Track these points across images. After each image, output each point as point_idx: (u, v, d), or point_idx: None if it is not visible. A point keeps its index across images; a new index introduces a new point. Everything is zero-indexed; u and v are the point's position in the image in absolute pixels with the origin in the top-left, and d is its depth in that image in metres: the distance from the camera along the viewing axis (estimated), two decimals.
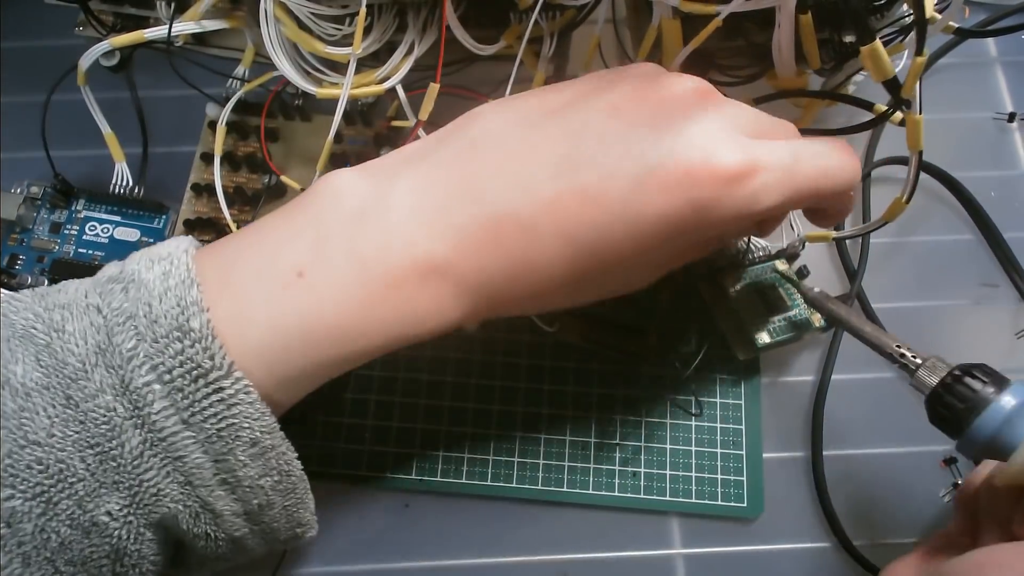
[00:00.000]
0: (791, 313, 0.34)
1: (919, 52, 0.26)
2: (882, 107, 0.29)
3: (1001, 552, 0.21)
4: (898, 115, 0.30)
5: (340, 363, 0.24)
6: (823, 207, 0.28)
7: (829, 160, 0.26)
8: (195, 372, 0.22)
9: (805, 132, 0.32)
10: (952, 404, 0.26)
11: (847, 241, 0.37)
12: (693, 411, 0.34)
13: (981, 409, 0.25)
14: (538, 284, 0.25)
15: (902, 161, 0.38)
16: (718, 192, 0.23)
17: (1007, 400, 0.25)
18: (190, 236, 0.26)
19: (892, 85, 0.27)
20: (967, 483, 0.28)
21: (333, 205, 0.24)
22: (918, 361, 0.28)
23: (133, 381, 0.22)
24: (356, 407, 0.35)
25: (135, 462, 0.22)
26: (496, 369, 0.35)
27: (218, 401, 0.22)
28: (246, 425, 0.23)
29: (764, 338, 0.34)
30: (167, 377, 0.22)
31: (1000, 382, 0.26)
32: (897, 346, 0.28)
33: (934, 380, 0.27)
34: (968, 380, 0.26)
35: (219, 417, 0.22)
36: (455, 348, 0.35)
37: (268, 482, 0.24)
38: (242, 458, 0.23)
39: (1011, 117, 0.40)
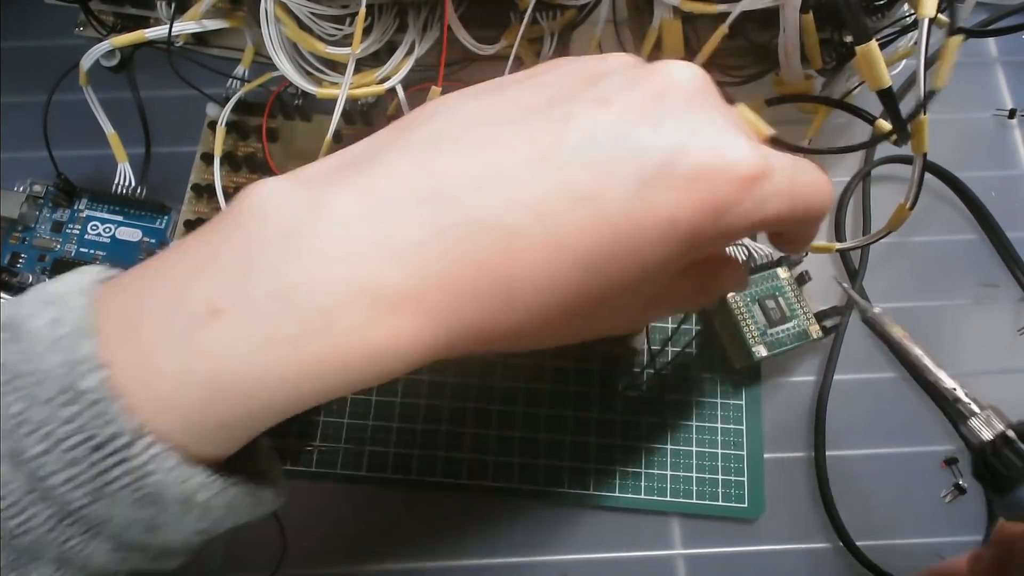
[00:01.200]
0: (789, 325, 0.34)
1: (953, 32, 0.25)
2: (884, 124, 0.29)
3: None
4: (887, 124, 0.29)
5: (278, 411, 0.19)
6: (796, 230, 0.26)
7: (818, 176, 0.24)
8: (92, 442, 0.18)
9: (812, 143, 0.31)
10: (1001, 466, 0.25)
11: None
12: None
13: None
14: (524, 309, 0.20)
15: (902, 160, 0.38)
16: (735, 194, 0.20)
17: None
18: (99, 265, 0.21)
19: (886, 96, 0.26)
20: (1005, 528, 0.27)
21: (256, 224, 0.20)
22: (975, 409, 0.26)
23: (26, 451, 0.18)
24: (356, 407, 0.35)
25: (51, 535, 0.19)
26: (496, 369, 0.35)
27: (126, 473, 0.18)
28: (173, 489, 0.19)
29: (761, 351, 0.33)
30: (62, 447, 0.18)
31: None
32: (953, 388, 0.27)
33: (987, 435, 0.25)
34: (1021, 445, 0.25)
35: (133, 488, 0.18)
36: None
37: (217, 518, 0.20)
38: (177, 514, 0.19)
39: (1011, 113, 0.40)
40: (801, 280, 0.35)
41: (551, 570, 0.33)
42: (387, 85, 0.32)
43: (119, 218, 0.37)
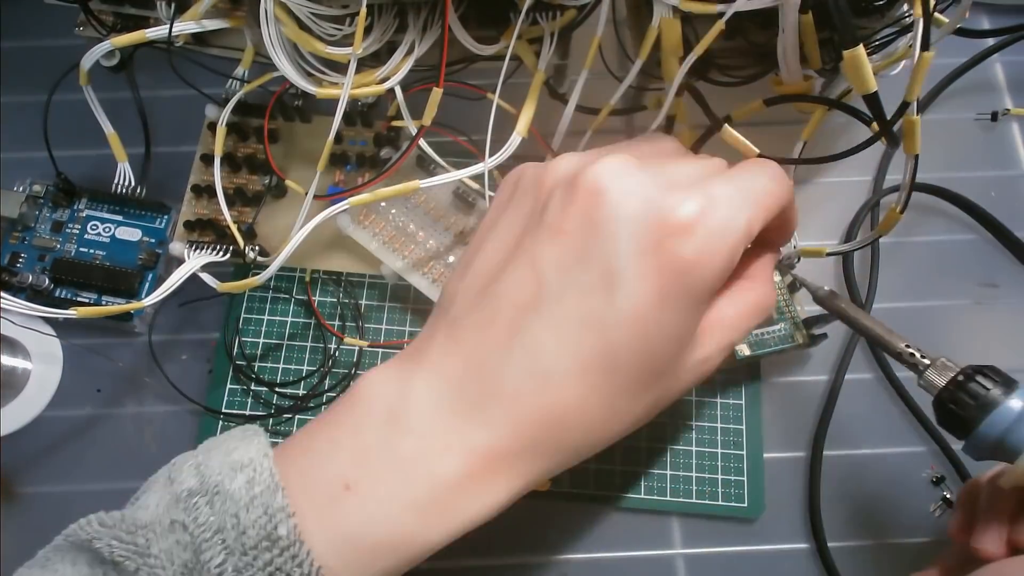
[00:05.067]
0: (776, 327, 0.34)
1: (926, 47, 0.25)
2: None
3: (1010, 565, 0.21)
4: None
5: (411, 561, 0.24)
6: (773, 227, 0.27)
7: (766, 180, 0.26)
8: None
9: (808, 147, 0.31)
10: (960, 404, 0.26)
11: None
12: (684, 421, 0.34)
13: (989, 410, 0.25)
14: (591, 452, 0.25)
15: None
16: (688, 247, 0.23)
17: (1016, 402, 0.25)
18: (260, 433, 0.25)
19: (872, 101, 0.26)
20: (972, 483, 0.28)
21: (366, 411, 0.25)
22: (926, 362, 0.27)
23: None
24: None
25: None
26: None
27: None
28: None
29: (744, 350, 0.34)
30: None
31: (1008, 384, 0.25)
32: (906, 346, 0.28)
33: (942, 381, 0.26)
34: (977, 380, 0.26)
35: None
36: None
37: None
38: None
39: (994, 116, 0.39)
40: (793, 287, 0.35)
41: (551, 570, 0.33)
42: (387, 85, 0.32)
43: (119, 218, 0.37)
